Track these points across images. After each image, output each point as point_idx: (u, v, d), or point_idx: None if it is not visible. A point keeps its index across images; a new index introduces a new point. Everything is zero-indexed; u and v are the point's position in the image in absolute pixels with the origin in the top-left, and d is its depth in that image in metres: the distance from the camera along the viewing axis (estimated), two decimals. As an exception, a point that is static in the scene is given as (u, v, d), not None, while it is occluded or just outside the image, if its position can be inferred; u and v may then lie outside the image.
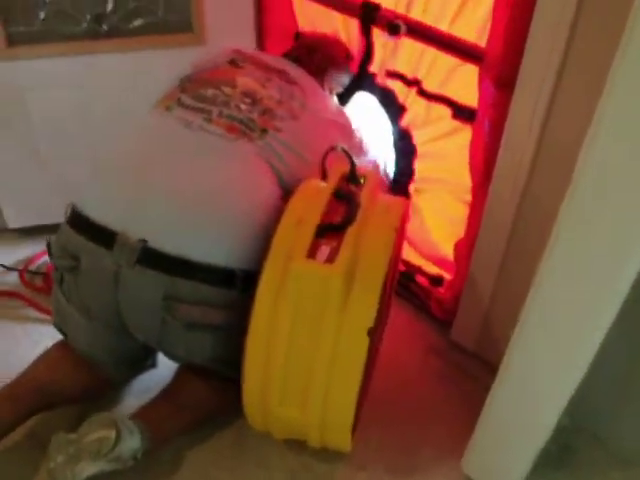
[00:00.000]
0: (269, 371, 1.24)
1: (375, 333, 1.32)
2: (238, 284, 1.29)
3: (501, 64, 1.34)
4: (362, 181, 1.39)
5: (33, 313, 1.84)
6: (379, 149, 1.77)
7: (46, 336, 1.52)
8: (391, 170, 1.80)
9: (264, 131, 1.41)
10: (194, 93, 1.46)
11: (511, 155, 1.40)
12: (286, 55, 1.73)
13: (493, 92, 1.39)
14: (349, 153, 1.40)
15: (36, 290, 1.89)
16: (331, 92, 1.76)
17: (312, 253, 1.21)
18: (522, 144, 1.36)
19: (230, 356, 1.31)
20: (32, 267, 1.97)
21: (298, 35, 1.92)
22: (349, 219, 1.27)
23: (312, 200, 1.32)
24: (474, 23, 1.41)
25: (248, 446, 1.50)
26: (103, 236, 1.28)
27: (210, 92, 1.46)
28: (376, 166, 1.73)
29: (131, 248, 1.25)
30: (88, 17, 1.78)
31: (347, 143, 1.52)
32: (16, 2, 1.73)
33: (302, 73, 1.63)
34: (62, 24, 1.78)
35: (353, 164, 1.39)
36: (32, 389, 1.40)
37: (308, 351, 1.21)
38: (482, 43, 1.39)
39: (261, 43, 2.00)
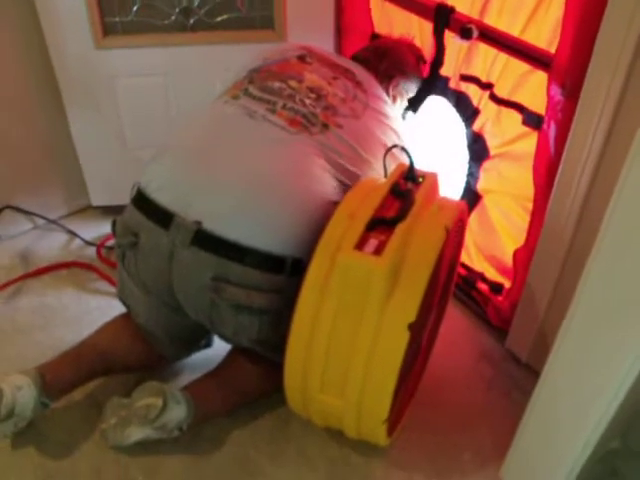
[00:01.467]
0: (311, 357, 1.27)
1: (419, 330, 1.34)
2: (287, 270, 1.32)
3: (568, 71, 1.33)
4: (420, 180, 1.41)
5: (106, 286, 1.96)
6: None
7: (115, 309, 1.61)
8: (460, 173, 1.80)
9: (325, 126, 1.44)
10: (261, 84, 1.49)
11: (573, 164, 1.38)
12: (355, 57, 1.75)
13: (560, 99, 1.37)
14: (409, 152, 1.42)
15: (110, 265, 2.01)
16: (394, 100, 1.76)
17: (360, 245, 1.23)
18: (584, 154, 1.34)
19: (276, 339, 1.35)
20: (109, 243, 2.09)
21: (374, 36, 1.95)
22: (401, 215, 1.29)
23: (368, 195, 1.35)
24: (545, 30, 1.40)
25: (290, 433, 1.54)
26: (162, 216, 1.33)
27: (277, 85, 1.49)
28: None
29: (186, 229, 1.30)
30: (176, 11, 1.89)
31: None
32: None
33: (368, 76, 1.65)
34: (152, 16, 1.89)
35: (412, 162, 1.41)
36: (93, 353, 1.49)
37: (349, 340, 1.23)
38: (552, 50, 1.38)
39: (338, 42, 2.05)
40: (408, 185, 1.39)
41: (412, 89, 1.79)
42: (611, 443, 1.52)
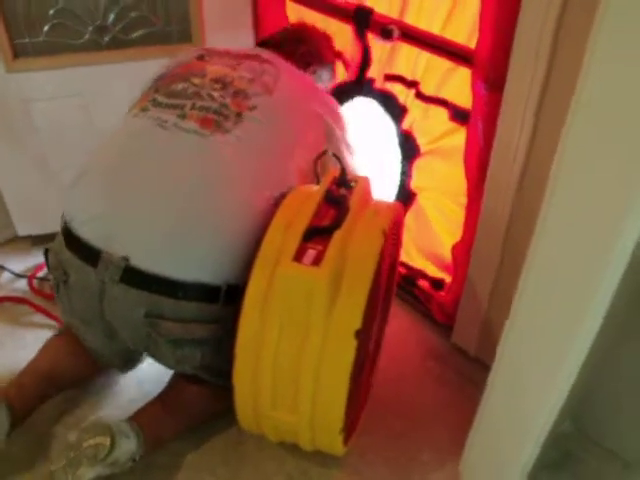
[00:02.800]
0: (259, 375, 1.24)
1: (365, 335, 1.33)
2: (222, 298, 1.30)
3: (490, 65, 1.34)
4: (353, 185, 1.40)
5: (41, 319, 1.86)
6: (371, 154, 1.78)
7: (52, 340, 1.54)
8: (394, 172, 1.80)
9: (239, 115, 1.38)
10: (166, 90, 1.44)
11: (503, 157, 1.40)
12: (265, 42, 1.71)
13: (484, 93, 1.39)
14: (339, 157, 1.41)
15: (44, 296, 1.92)
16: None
17: (299, 256, 1.22)
18: (514, 145, 1.36)
19: (220, 365, 1.33)
20: (40, 274, 2.01)
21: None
22: (337, 222, 1.27)
23: (302, 204, 1.33)
24: (464, 26, 1.42)
25: (245, 452, 1.51)
26: (88, 252, 1.29)
27: (181, 86, 1.43)
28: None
29: (114, 266, 1.26)
30: (90, 29, 1.82)
31: (331, 118, 1.52)
32: (21, 15, 1.76)
33: (277, 56, 1.59)
34: (65, 36, 1.82)
35: (343, 168, 1.40)
36: (36, 377, 1.46)
37: (296, 354, 1.21)
38: (473, 45, 1.39)
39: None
40: (341, 191, 1.38)
41: (327, 81, 1.76)
42: (562, 426, 1.54)
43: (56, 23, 1.79)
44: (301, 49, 1.67)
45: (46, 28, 1.79)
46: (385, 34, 1.54)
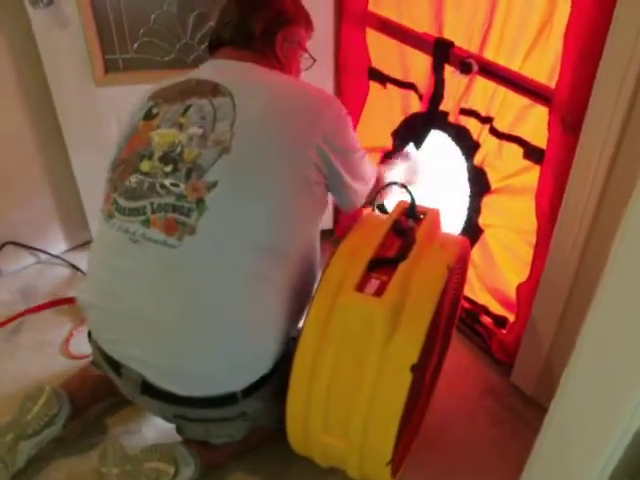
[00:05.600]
0: (312, 399, 1.25)
1: (421, 369, 1.32)
2: (240, 398, 1.29)
3: (568, 106, 1.32)
4: (422, 217, 1.40)
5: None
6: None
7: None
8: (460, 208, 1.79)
9: (200, 203, 1.21)
10: (122, 189, 1.29)
11: (576, 199, 1.37)
12: (220, 42, 1.43)
13: (561, 134, 1.37)
14: (409, 189, 1.41)
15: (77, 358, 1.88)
16: (287, 60, 1.46)
17: (361, 286, 1.23)
18: (587, 189, 1.33)
19: (262, 424, 1.40)
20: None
21: (371, 71, 1.94)
22: (403, 254, 1.28)
23: (369, 233, 1.35)
24: (545, 64, 1.40)
25: (293, 474, 1.51)
26: (113, 363, 1.33)
27: (134, 180, 1.27)
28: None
29: (133, 381, 1.29)
30: (177, 47, 1.90)
31: (314, 122, 1.30)
32: (114, 32, 1.86)
33: (229, 66, 1.38)
34: (153, 53, 1.91)
35: (413, 199, 1.40)
36: (99, 376, 1.52)
37: (351, 382, 1.22)
38: (552, 84, 1.37)
39: (338, 79, 2.05)
40: (409, 223, 1.38)
41: (300, 34, 1.48)
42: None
43: (146, 41, 1.88)
44: (257, 26, 1.39)
45: (136, 45, 1.88)
46: (464, 68, 1.53)
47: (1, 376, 1.74)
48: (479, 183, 1.70)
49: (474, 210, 1.74)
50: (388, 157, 1.95)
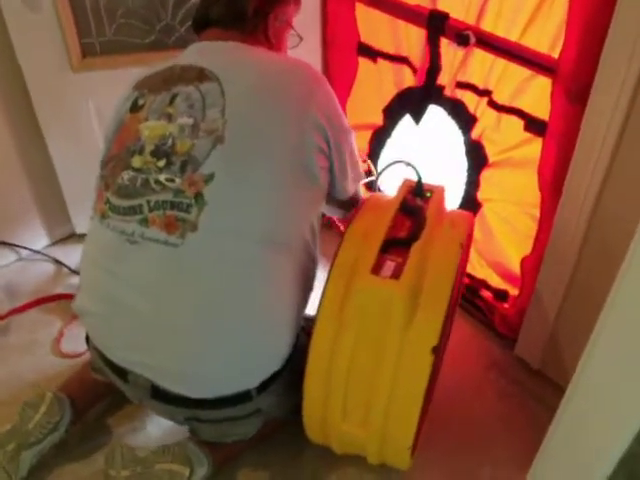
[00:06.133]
0: (330, 387, 1.23)
1: (441, 351, 1.30)
2: (254, 395, 1.25)
3: (574, 76, 1.30)
4: (428, 195, 1.38)
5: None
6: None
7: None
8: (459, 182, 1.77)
9: (199, 197, 1.16)
10: (115, 187, 1.23)
11: (582, 171, 1.35)
12: (204, 20, 1.36)
13: (565, 105, 1.35)
14: (417, 170, 1.37)
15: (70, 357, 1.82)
16: (278, 39, 1.41)
17: (377, 269, 1.20)
18: (593, 160, 1.32)
19: (276, 417, 1.36)
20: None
21: (360, 46, 1.90)
22: (415, 235, 1.26)
23: (378, 214, 1.32)
24: (547, 33, 1.37)
25: (305, 462, 1.50)
26: (118, 370, 1.27)
27: (126, 177, 1.21)
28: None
29: (142, 386, 1.24)
30: (157, 28, 1.82)
31: (317, 112, 1.25)
32: (90, 15, 1.77)
33: (217, 47, 1.32)
34: (131, 35, 1.83)
35: (420, 178, 1.37)
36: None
37: (370, 368, 1.20)
38: (555, 54, 1.35)
39: (325, 56, 2.00)
40: (417, 201, 1.35)
41: (290, 12, 1.43)
42: (632, 447, 1.50)
43: (124, 22, 1.79)
44: (250, 5, 1.32)
45: (114, 27, 1.80)
46: (461, 40, 1.50)
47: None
48: (477, 157, 1.68)
49: (472, 184, 1.73)
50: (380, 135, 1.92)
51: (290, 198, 1.24)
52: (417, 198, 1.36)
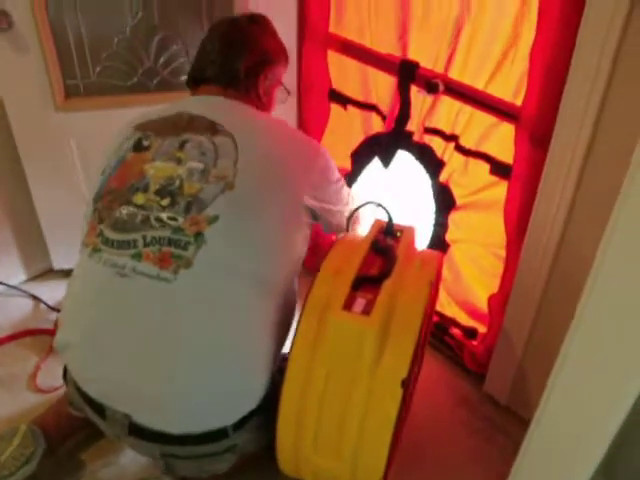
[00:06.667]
0: (303, 419, 1.25)
1: (409, 385, 1.34)
2: (230, 432, 1.27)
3: (536, 123, 1.38)
4: (399, 235, 1.43)
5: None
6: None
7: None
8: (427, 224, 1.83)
9: (199, 236, 1.20)
10: (111, 220, 1.25)
11: (544, 212, 1.43)
12: (204, 80, 1.45)
13: (529, 149, 1.42)
14: (388, 210, 1.43)
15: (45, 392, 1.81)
16: (267, 97, 1.52)
17: (348, 305, 1.24)
18: (556, 202, 1.39)
19: (250, 451, 1.36)
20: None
21: (332, 93, 1.97)
22: (386, 272, 1.30)
23: (350, 252, 1.36)
24: (510, 82, 1.45)
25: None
26: (95, 406, 1.28)
27: (125, 212, 1.24)
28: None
29: (119, 422, 1.24)
30: (139, 72, 1.89)
31: (306, 169, 1.37)
32: (75, 57, 1.83)
33: (222, 103, 1.40)
34: (115, 78, 1.89)
35: (390, 218, 1.43)
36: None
37: (342, 401, 1.22)
38: (518, 102, 1.43)
39: (300, 101, 2.06)
40: (388, 241, 1.41)
41: (280, 72, 1.54)
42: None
43: (108, 65, 1.86)
44: (243, 65, 1.43)
45: (98, 69, 1.86)
46: (430, 88, 1.58)
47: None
48: (445, 200, 1.74)
49: (440, 226, 1.79)
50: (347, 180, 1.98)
51: (282, 247, 1.32)
52: (388, 237, 1.41)
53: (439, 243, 1.80)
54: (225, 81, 1.43)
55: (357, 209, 1.48)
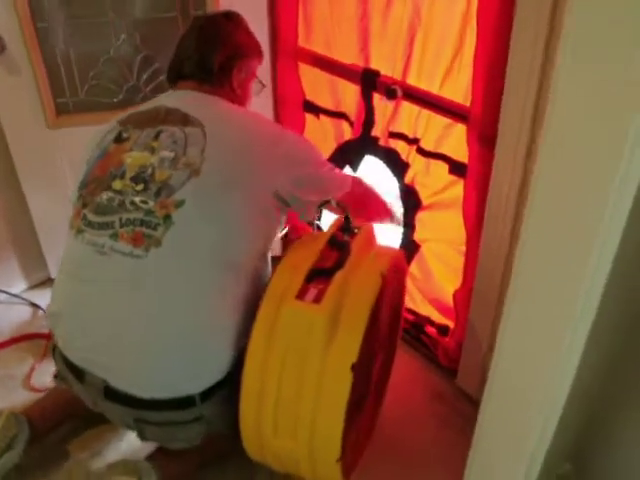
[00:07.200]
0: (262, 403, 1.33)
1: (364, 371, 1.41)
2: (198, 402, 1.36)
3: (483, 122, 1.46)
4: (356, 231, 1.51)
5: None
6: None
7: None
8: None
9: (167, 219, 1.32)
10: (93, 205, 1.39)
11: (496, 208, 1.49)
12: (177, 74, 1.57)
13: (478, 148, 1.50)
14: (344, 207, 1.52)
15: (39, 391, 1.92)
16: (242, 88, 1.61)
17: (301, 295, 1.32)
18: (504, 197, 1.46)
19: (218, 430, 1.44)
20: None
21: (305, 104, 2.07)
22: (338, 264, 1.38)
23: (308, 248, 1.45)
24: (460, 86, 1.53)
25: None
26: (76, 371, 1.40)
27: (105, 197, 1.37)
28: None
29: (96, 386, 1.36)
30: (124, 89, 2.02)
31: (273, 154, 1.44)
32: (64, 77, 1.97)
33: (196, 97, 1.52)
34: (102, 95, 2.02)
35: (347, 215, 1.51)
36: (58, 401, 1.64)
37: (297, 384, 1.30)
38: (468, 103, 1.51)
39: (276, 111, 2.16)
40: (345, 237, 1.49)
41: (253, 65, 1.64)
42: (562, 468, 1.58)
43: (95, 84, 1.98)
44: (214, 65, 1.53)
45: (85, 88, 1.99)
46: (390, 94, 1.67)
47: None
48: (411, 200, 1.82)
49: (409, 226, 1.86)
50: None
51: (248, 231, 1.41)
52: (345, 234, 1.50)
53: (409, 243, 1.88)
54: (200, 76, 1.54)
55: (320, 207, 1.56)
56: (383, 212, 1.80)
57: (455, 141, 1.61)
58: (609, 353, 1.32)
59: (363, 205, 1.71)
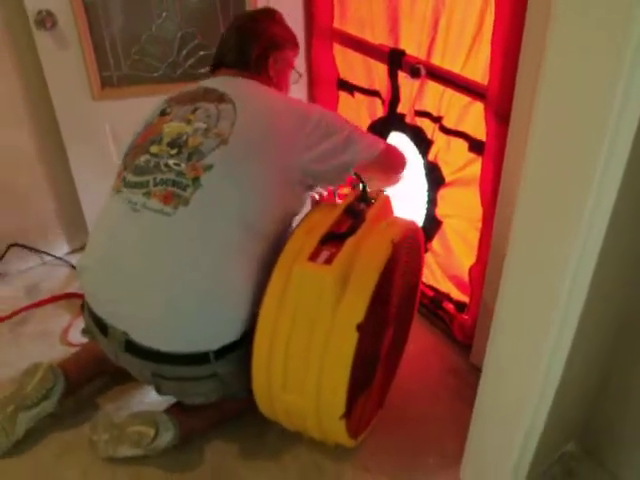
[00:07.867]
0: (273, 359, 1.40)
1: (373, 335, 1.47)
2: (212, 359, 1.44)
3: (499, 100, 1.50)
4: (373, 201, 1.58)
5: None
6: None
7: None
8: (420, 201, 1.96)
9: (196, 181, 1.42)
10: (132, 167, 1.50)
11: (511, 182, 1.53)
12: (220, 62, 1.70)
13: (495, 126, 1.54)
14: (362, 178, 1.58)
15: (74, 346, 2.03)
16: (280, 77, 1.74)
17: (314, 256, 1.39)
18: (518, 172, 1.49)
19: (232, 390, 1.53)
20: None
21: (340, 82, 2.14)
22: (352, 230, 1.45)
23: (325, 214, 1.52)
24: (480, 65, 1.58)
25: (267, 441, 1.67)
26: (100, 324, 1.50)
27: (143, 159, 1.49)
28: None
29: (117, 339, 1.46)
30: (164, 64, 2.13)
31: (300, 131, 1.52)
32: (109, 52, 2.09)
33: (234, 82, 1.63)
34: (143, 70, 2.14)
35: (364, 185, 1.58)
36: (92, 355, 1.73)
37: (306, 341, 1.37)
38: (486, 82, 1.55)
39: (311, 91, 2.25)
40: (361, 206, 1.55)
41: (288, 55, 1.76)
42: (566, 445, 1.61)
43: (137, 59, 2.10)
44: (254, 51, 1.67)
45: (128, 63, 2.10)
46: (413, 72, 1.72)
47: (6, 361, 1.91)
48: (434, 177, 1.87)
49: (432, 203, 1.91)
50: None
51: (271, 199, 1.50)
52: (361, 203, 1.56)
53: (432, 219, 1.93)
54: (240, 65, 1.66)
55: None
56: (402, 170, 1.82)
57: (474, 119, 1.65)
58: (616, 322, 1.35)
59: (390, 166, 1.78)
